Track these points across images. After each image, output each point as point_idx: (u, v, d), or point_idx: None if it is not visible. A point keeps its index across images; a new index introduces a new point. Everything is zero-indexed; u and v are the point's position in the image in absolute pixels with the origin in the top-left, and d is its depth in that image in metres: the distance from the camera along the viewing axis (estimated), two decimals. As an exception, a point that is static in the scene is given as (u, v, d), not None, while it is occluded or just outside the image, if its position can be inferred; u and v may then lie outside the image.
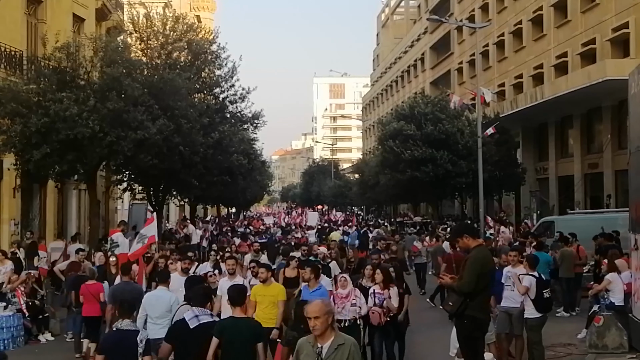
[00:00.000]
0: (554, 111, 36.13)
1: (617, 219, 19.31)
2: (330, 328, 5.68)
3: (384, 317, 10.40)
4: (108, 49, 21.97)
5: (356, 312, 10.25)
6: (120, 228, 22.54)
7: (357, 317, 10.29)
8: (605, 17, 32.13)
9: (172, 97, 22.41)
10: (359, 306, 10.37)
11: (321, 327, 5.60)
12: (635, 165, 12.10)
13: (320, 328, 5.60)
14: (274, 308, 10.10)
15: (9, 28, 23.52)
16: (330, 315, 5.72)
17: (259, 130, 36.11)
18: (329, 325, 5.66)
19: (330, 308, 5.82)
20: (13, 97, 19.46)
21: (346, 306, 10.20)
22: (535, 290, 10.49)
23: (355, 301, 10.32)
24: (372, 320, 10.42)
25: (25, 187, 24.43)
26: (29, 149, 19.54)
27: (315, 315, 5.62)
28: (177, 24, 30.55)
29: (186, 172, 25.76)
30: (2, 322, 13.94)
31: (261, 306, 10.10)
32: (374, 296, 10.63)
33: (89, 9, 29.84)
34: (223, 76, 31.68)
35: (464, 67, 51.43)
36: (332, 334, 5.68)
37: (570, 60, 35.07)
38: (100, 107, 19.55)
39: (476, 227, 21.50)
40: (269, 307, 10.11)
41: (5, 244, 22.11)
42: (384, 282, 10.67)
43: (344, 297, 10.32)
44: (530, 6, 39.85)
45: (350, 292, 10.46)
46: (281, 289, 10.60)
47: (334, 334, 5.71)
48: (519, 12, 41.44)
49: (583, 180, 35.70)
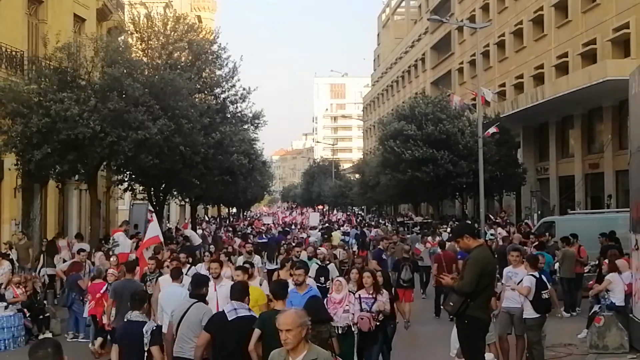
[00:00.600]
0: (555, 111, 36.15)
1: (617, 219, 19.30)
2: (303, 341, 5.14)
3: (373, 322, 9.79)
4: (109, 49, 21.97)
5: (349, 318, 9.69)
6: (123, 228, 22.72)
7: (350, 324, 9.71)
8: (606, 17, 32.14)
9: (173, 97, 22.41)
10: (352, 312, 9.84)
11: (293, 340, 5.07)
12: (636, 165, 12.10)
13: (293, 342, 5.07)
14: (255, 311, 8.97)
15: (10, 28, 23.52)
16: (304, 328, 5.15)
17: (259, 130, 36.05)
18: (302, 339, 5.12)
19: (304, 320, 5.19)
20: (14, 97, 19.48)
21: (338, 312, 9.61)
22: (534, 291, 10.48)
23: (348, 307, 9.78)
24: (362, 326, 9.75)
25: (26, 187, 24.42)
26: (29, 149, 19.55)
27: (287, 327, 5.08)
28: (177, 24, 30.57)
29: (187, 172, 25.76)
30: (3, 322, 13.95)
31: None
32: (360, 301, 10.02)
33: (89, 9, 29.85)
34: (224, 76, 31.66)
35: (465, 67, 51.46)
36: (305, 348, 5.15)
37: (571, 60, 35.09)
38: (101, 107, 19.56)
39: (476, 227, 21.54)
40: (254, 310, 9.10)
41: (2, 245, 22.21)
42: (374, 286, 10.02)
43: (337, 303, 9.75)
44: (531, 6, 39.87)
45: (345, 297, 9.91)
46: (260, 293, 9.96)
47: (307, 348, 5.17)
48: (520, 12, 41.47)
49: (584, 180, 35.71)
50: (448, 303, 8.38)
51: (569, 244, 16.93)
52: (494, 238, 23.50)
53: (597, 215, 23.71)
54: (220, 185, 31.96)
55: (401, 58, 74.03)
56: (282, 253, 18.04)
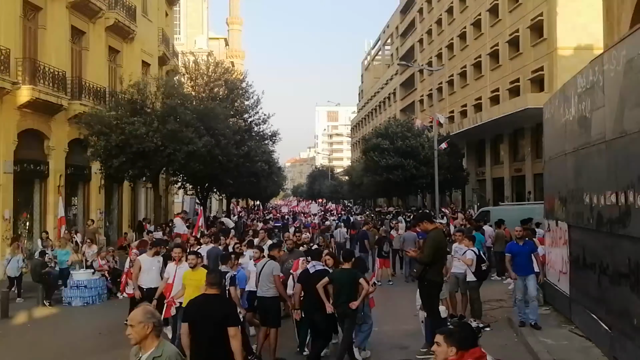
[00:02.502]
0: (489, 131, 36.19)
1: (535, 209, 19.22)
2: (151, 337, 3.91)
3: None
4: (167, 85, 22.08)
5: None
6: (181, 215, 22.89)
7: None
8: (526, 62, 32.13)
9: (213, 121, 22.48)
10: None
11: (135, 335, 3.89)
12: (548, 170, 12.11)
13: (135, 337, 3.90)
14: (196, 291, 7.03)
15: (96, 71, 23.65)
16: (147, 324, 3.90)
17: (275, 144, 36.19)
18: (147, 335, 3.90)
19: (149, 316, 3.96)
20: (99, 121, 19.59)
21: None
22: (475, 263, 10.47)
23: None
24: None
25: (107, 186, 24.54)
26: (110, 159, 19.65)
27: (130, 323, 3.94)
28: (217, 67, 30.68)
29: (223, 175, 25.81)
30: (91, 284, 13.99)
31: (188, 290, 7.73)
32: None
33: (153, 56, 29.93)
34: (250, 105, 31.70)
35: (424, 99, 51.44)
36: (153, 344, 3.93)
37: (501, 94, 35.07)
38: (162, 128, 19.63)
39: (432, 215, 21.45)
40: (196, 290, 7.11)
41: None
42: (334, 265, 8.67)
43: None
44: (472, 54, 39.88)
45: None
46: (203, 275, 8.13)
47: (156, 344, 3.94)
48: (464, 59, 41.47)
49: (510, 181, 35.70)
50: (413, 270, 8.42)
51: (500, 227, 16.91)
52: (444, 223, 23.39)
53: (520, 206, 23.64)
54: (248, 184, 31.99)
55: (378, 92, 73.93)
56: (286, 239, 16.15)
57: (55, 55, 20.57)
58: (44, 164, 20.42)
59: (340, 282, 7.82)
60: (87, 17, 22.80)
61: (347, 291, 7.77)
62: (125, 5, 25.73)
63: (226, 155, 23.54)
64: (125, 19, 25.28)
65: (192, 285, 7.60)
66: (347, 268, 8.13)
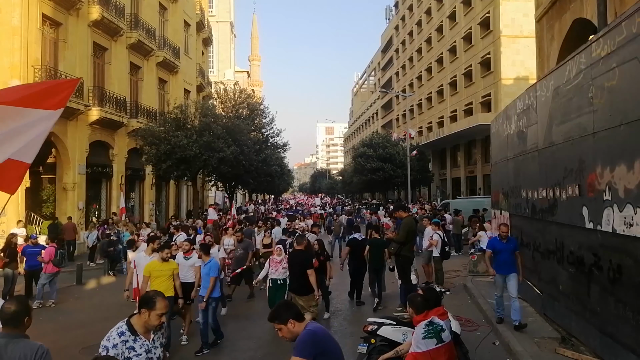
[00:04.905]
0: (449, 142, 36.12)
1: (484, 201, 19.28)
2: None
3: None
4: (203, 107, 22.02)
5: (285, 274, 7.79)
6: (213, 206, 22.83)
7: (286, 277, 7.80)
8: (478, 90, 32.08)
9: (238, 134, 22.44)
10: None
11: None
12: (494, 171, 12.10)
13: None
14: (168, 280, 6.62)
15: (149, 97, 23.64)
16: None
17: (286, 152, 36.24)
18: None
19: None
20: (151, 135, 19.54)
21: (279, 269, 7.89)
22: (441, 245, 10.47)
23: (285, 266, 7.83)
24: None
25: (157, 184, 24.50)
26: (159, 163, 19.60)
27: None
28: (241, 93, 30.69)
29: (247, 176, 25.82)
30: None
31: (159, 280, 6.53)
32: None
33: (192, 85, 29.87)
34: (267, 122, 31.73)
35: (400, 117, 51.28)
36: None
37: (459, 113, 35.02)
38: (199, 140, 19.59)
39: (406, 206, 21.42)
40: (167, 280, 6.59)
41: (147, 218, 22.18)
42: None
43: (278, 262, 7.95)
44: (436, 83, 39.77)
45: (284, 259, 7.94)
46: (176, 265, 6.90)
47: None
48: (430, 87, 41.36)
49: (465, 180, 35.66)
50: (390, 248, 8.40)
51: (457, 215, 16.91)
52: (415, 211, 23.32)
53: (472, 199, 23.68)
54: (265, 183, 32.09)
55: (364, 112, 73.77)
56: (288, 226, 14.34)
57: (118, 84, 20.63)
58: (109, 167, 20.50)
59: (375, 245, 9.37)
60: (142, 55, 22.81)
61: (378, 251, 9.22)
62: (172, 47, 25.77)
63: (248, 160, 23.56)
64: (171, 57, 25.27)
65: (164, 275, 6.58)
66: (378, 237, 9.73)
